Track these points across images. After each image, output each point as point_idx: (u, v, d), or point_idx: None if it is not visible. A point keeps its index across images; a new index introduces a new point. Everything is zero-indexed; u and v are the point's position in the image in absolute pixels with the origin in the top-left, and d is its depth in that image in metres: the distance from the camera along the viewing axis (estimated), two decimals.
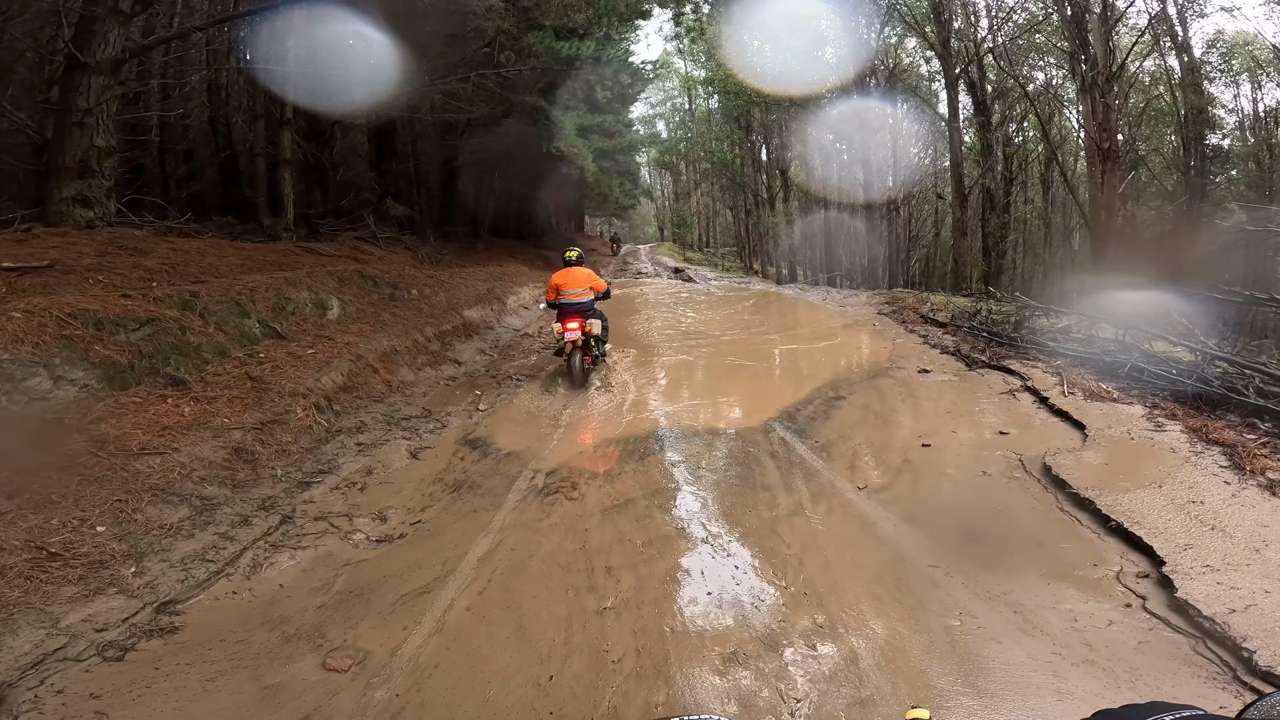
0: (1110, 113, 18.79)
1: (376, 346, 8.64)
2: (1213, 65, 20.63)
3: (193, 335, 6.93)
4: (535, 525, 4.90)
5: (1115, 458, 5.33)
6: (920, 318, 12.11)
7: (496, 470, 5.97)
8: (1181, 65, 20.33)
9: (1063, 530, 4.45)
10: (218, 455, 5.57)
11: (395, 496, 5.51)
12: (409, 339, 9.45)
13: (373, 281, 10.76)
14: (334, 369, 7.56)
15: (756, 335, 11.45)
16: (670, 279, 22.99)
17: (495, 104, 17.02)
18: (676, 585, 4.07)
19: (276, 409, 6.42)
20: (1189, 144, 20.69)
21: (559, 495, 5.35)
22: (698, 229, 45.59)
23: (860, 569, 4.14)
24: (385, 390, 8.10)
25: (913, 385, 8.02)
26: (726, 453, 6.08)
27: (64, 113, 9.09)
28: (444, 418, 7.45)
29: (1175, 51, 20.38)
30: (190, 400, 6.13)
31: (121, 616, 3.84)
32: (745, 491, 5.29)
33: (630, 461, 5.98)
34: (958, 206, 23.47)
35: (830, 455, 5.93)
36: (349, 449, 6.41)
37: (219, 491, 5.25)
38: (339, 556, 4.67)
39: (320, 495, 5.48)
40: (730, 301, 16.24)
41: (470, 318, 11.85)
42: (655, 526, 4.79)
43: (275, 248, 11.56)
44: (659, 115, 42.68)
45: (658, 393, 8.06)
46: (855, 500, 5.06)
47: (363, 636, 3.76)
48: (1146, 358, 7.46)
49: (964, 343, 9.90)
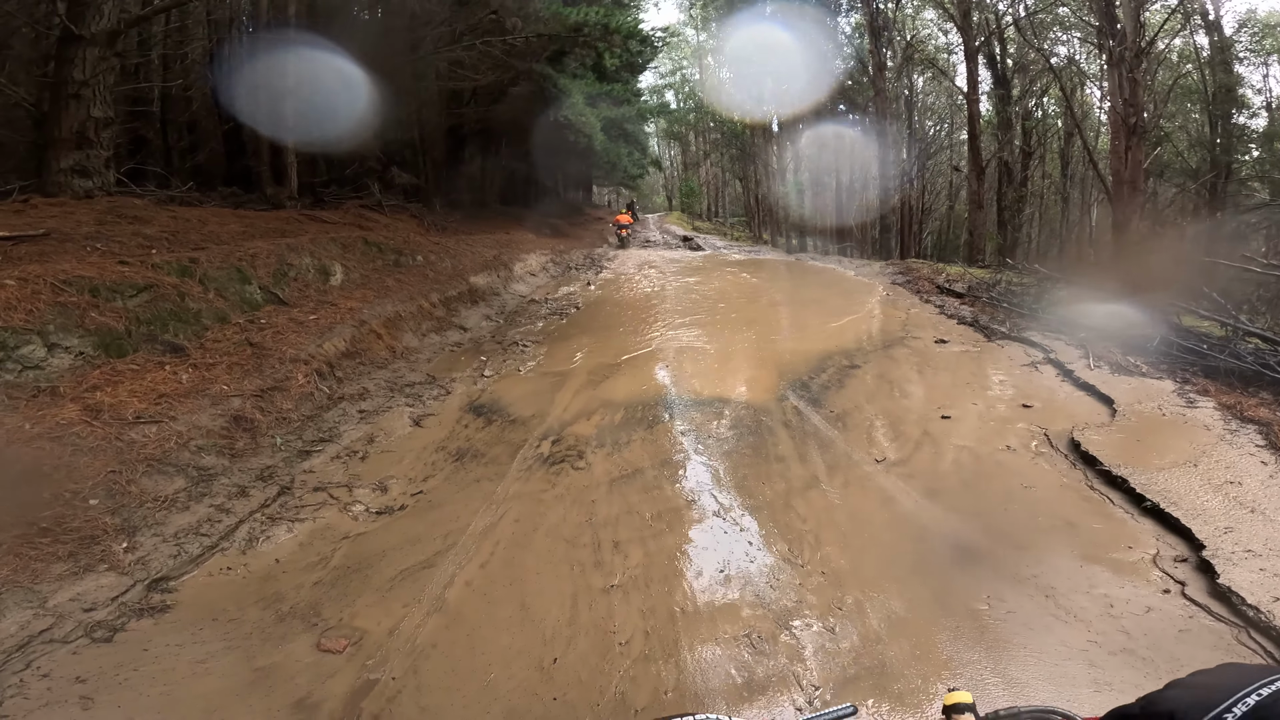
0: (1137, 88, 18.26)
1: (380, 312, 8.45)
2: (1243, 45, 20.07)
3: (192, 301, 6.75)
4: (540, 496, 4.73)
5: (1147, 434, 5.10)
6: (936, 287, 11.80)
7: (501, 438, 5.79)
8: (1211, 44, 19.79)
9: (1094, 510, 4.25)
10: (216, 424, 5.41)
11: (397, 466, 5.35)
12: (413, 305, 9.25)
13: (377, 248, 10.53)
14: (336, 335, 7.38)
15: (768, 303, 11.19)
16: (679, 248, 22.61)
17: (502, 71, 16.66)
18: (687, 562, 3.90)
19: (277, 376, 6.25)
20: (1215, 122, 20.22)
21: (565, 465, 5.18)
22: (706, 199, 45.00)
23: (880, 547, 3.96)
24: (389, 356, 7.92)
25: (930, 355, 7.77)
26: (739, 422, 5.87)
27: (60, 85, 8.92)
28: (448, 384, 7.27)
29: (1205, 29, 19.84)
30: (189, 367, 5.96)
31: (111, 595, 3.71)
32: (758, 462, 5.10)
33: (638, 429, 5.78)
34: (974, 179, 22.99)
35: (846, 425, 5.71)
36: (351, 416, 6.25)
37: (216, 461, 5.10)
38: (338, 529, 4.52)
39: (320, 465, 5.33)
40: (741, 269, 15.94)
41: (476, 284, 11.63)
42: (664, 499, 4.62)
43: (278, 215, 11.34)
44: (668, 85, 42.04)
45: (665, 368, 7.85)
46: (873, 473, 4.86)
47: (359, 615, 3.62)
48: (1176, 331, 7.18)
49: (982, 313, 9.62)
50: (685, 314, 10.33)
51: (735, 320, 9.84)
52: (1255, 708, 0.76)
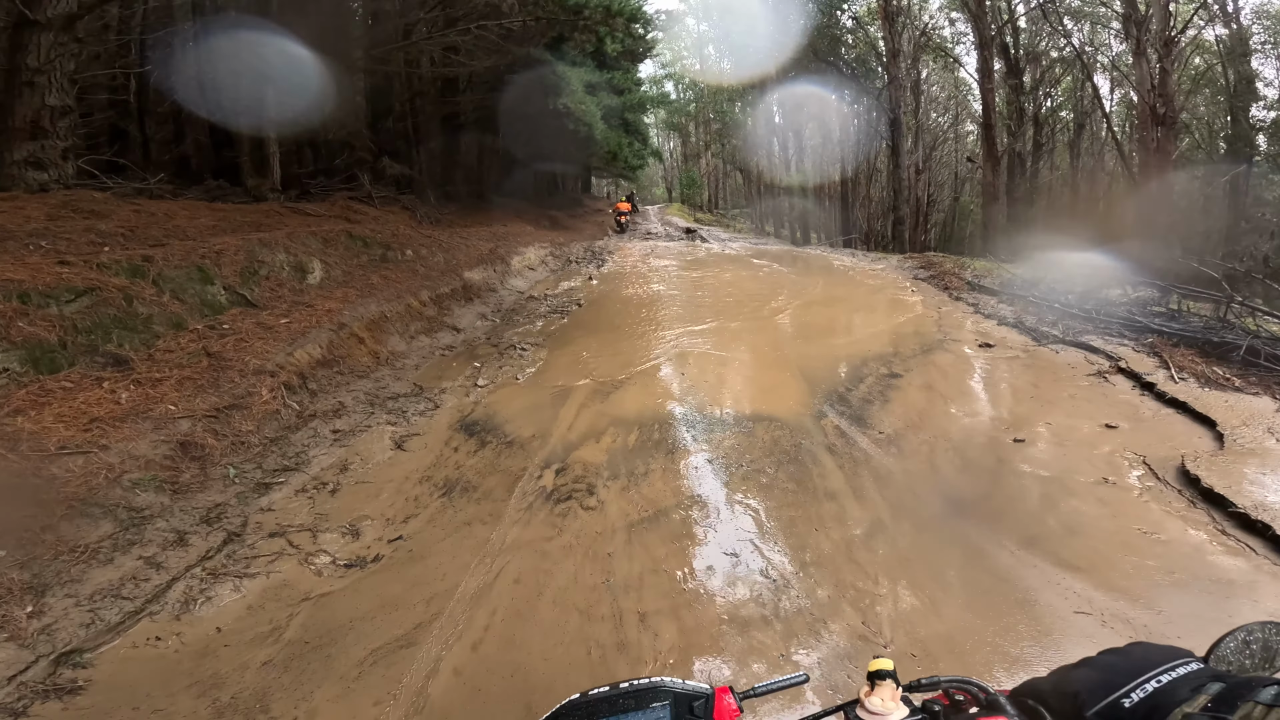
0: (1167, 77, 17.61)
1: (363, 313, 7.59)
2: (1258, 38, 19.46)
3: (142, 306, 5.88)
4: (544, 546, 3.89)
5: (1274, 467, 4.25)
6: (965, 284, 10.96)
7: (496, 465, 4.94)
8: (1230, 34, 19.13)
9: (1251, 569, 3.39)
10: (157, 452, 4.57)
11: (373, 502, 4.50)
12: (401, 304, 8.39)
13: (363, 242, 9.66)
14: (311, 340, 6.52)
15: (786, 301, 10.33)
16: (682, 240, 21.69)
17: (498, 56, 15.86)
18: (734, 641, 3.06)
19: (237, 391, 5.39)
20: (1236, 114, 19.58)
21: (572, 503, 4.33)
22: (707, 190, 44.21)
23: (981, 618, 3.12)
24: (372, 363, 7.07)
25: (977, 363, 6.94)
26: (775, 446, 5.02)
27: (12, 72, 8.15)
28: (437, 395, 6.42)
29: (1224, 20, 19.17)
30: (131, 383, 5.10)
31: (10, 672, 2.91)
32: (805, 500, 4.25)
33: (657, 456, 4.94)
34: (989, 170, 22.29)
35: (902, 451, 4.87)
36: (323, 438, 5.39)
37: (154, 500, 4.26)
38: (297, 587, 3.68)
39: (281, 501, 4.48)
40: (750, 263, 15.08)
41: (471, 280, 10.77)
42: (698, 553, 3.77)
43: (258, 209, 10.49)
44: (669, 76, 41.30)
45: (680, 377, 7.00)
46: (948, 515, 4.02)
47: (319, 713, 2.80)
48: (1268, 340, 6.33)
49: (1025, 313, 8.77)
50: (696, 312, 9.49)
51: (752, 320, 9.00)
52: (1153, 693, 0.82)
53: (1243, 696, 0.76)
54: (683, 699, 1.10)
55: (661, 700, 1.10)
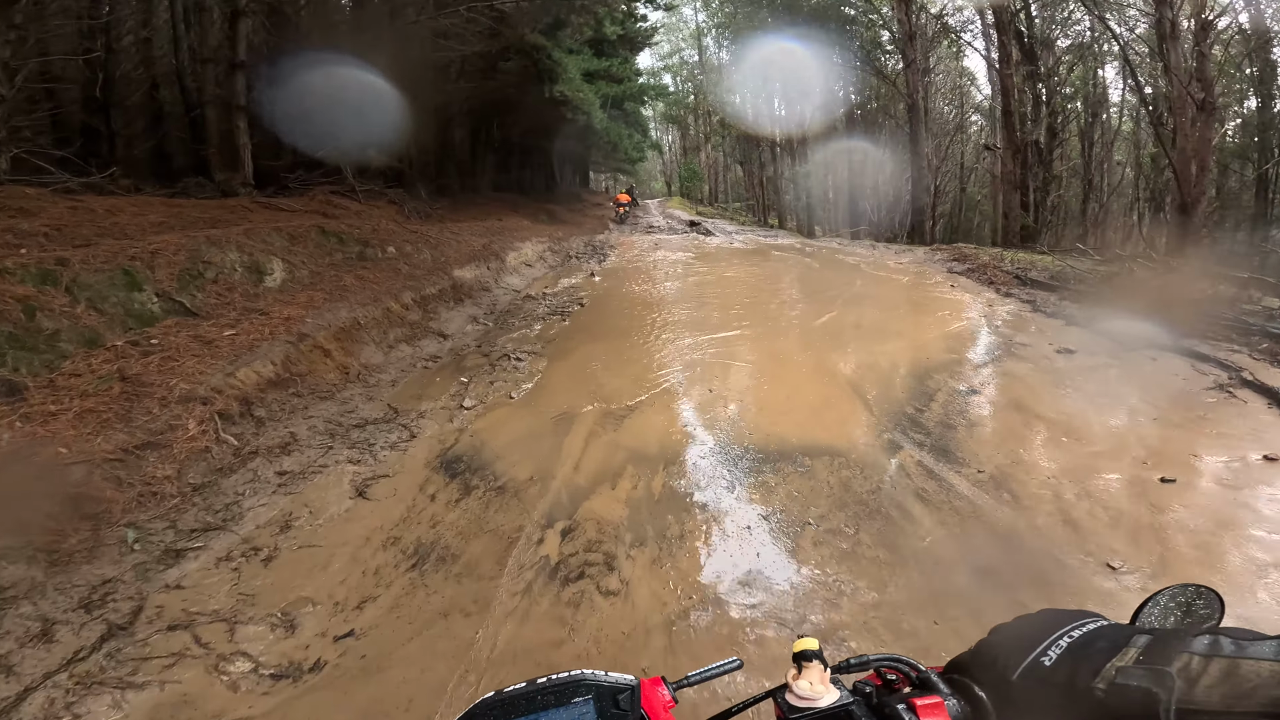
0: (1205, 62, 16.58)
1: (331, 320, 6.45)
2: None
3: (48, 319, 4.73)
4: (550, 656, 2.74)
5: None
6: (1011, 277, 9.83)
7: (484, 522, 3.80)
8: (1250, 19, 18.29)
9: None
10: (36, 510, 3.43)
11: (319, 576, 3.36)
12: (378, 308, 7.24)
13: (337, 239, 8.50)
14: (261, 356, 5.38)
15: (812, 300, 9.17)
16: (687, 233, 20.46)
17: (490, 41, 14.87)
18: None
19: (154, 425, 4.24)
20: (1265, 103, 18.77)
21: (586, 583, 3.17)
22: (708, 183, 43.22)
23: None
24: (339, 380, 5.93)
25: (1061, 372, 5.81)
26: (846, 491, 3.88)
27: None
28: (415, 421, 5.28)
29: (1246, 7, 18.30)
30: (19, 419, 3.96)
31: None
32: (911, 575, 3.10)
33: (692, 509, 3.79)
34: (1009, 158, 21.24)
35: (1019, 500, 3.72)
36: (264, 483, 4.25)
37: (23, 574, 3.14)
38: (201, 707, 2.59)
39: (195, 575, 3.34)
40: (762, 256, 13.94)
41: (461, 278, 9.63)
42: (773, 674, 2.62)
43: (223, 204, 9.40)
44: (667, 68, 40.50)
45: (709, 395, 5.87)
46: (1120, 594, 2.87)
47: None
48: None
49: (1094, 312, 7.62)
50: (715, 315, 8.35)
51: (780, 323, 7.86)
52: (1068, 648, 0.83)
53: (1175, 648, 0.75)
54: (606, 692, 1.00)
55: (583, 695, 1.01)
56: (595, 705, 0.99)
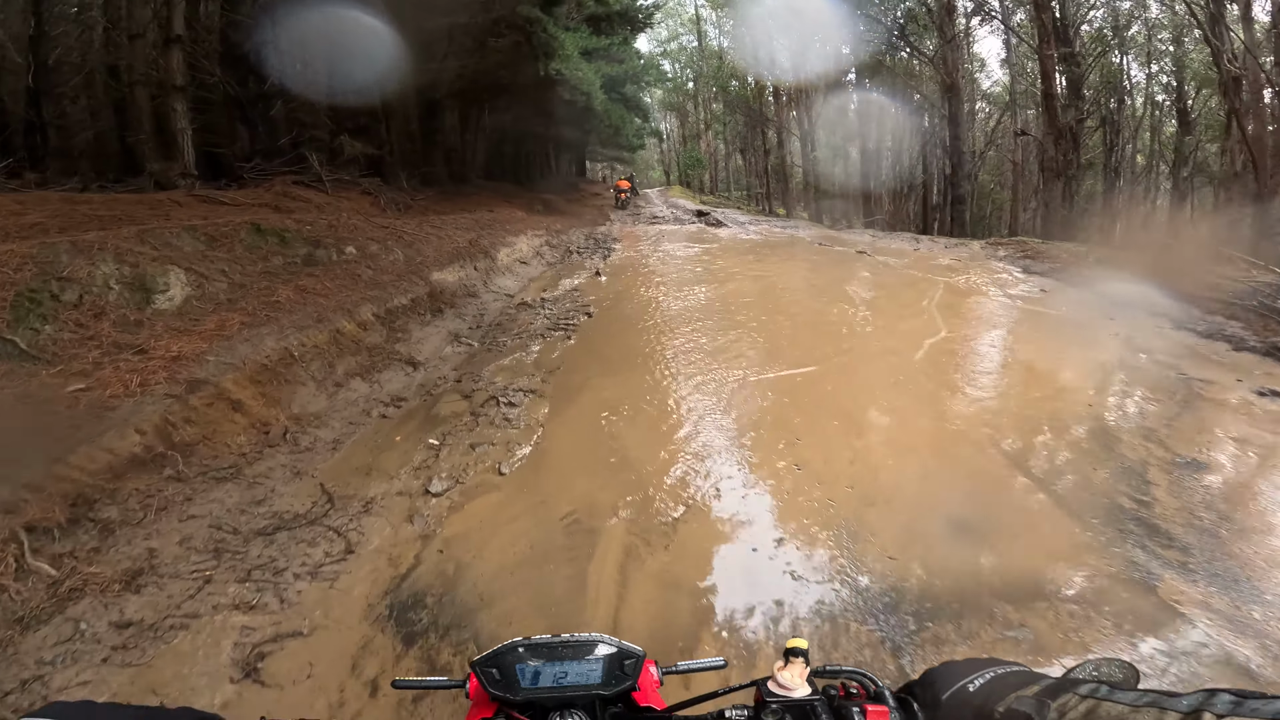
0: None
1: (247, 354, 4.59)
2: None
3: None
4: None
5: None
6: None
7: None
8: None
9: None
10: None
11: None
12: (323, 331, 5.39)
13: (277, 238, 6.61)
14: (118, 423, 3.52)
15: (898, 318, 7.34)
16: (694, 224, 18.47)
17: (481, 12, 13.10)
18: None
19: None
20: None
21: None
22: (710, 171, 41.51)
23: None
24: (253, 445, 4.09)
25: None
26: None
27: None
28: (355, 521, 3.43)
29: None
30: None
31: None
32: None
33: None
34: (1050, 143, 19.72)
35: None
36: (90, 644, 2.41)
37: None
38: None
39: None
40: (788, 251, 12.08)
41: (442, 283, 7.78)
42: None
43: (145, 199, 7.65)
44: (666, 55, 38.86)
45: (813, 503, 4.04)
46: None
47: None
48: None
49: (1265, 330, 5.85)
50: (758, 335, 6.48)
51: (857, 349, 5.99)
52: (991, 680, 0.89)
53: (1066, 690, 0.81)
54: (617, 656, 1.08)
55: (598, 654, 1.08)
56: (605, 664, 1.05)
